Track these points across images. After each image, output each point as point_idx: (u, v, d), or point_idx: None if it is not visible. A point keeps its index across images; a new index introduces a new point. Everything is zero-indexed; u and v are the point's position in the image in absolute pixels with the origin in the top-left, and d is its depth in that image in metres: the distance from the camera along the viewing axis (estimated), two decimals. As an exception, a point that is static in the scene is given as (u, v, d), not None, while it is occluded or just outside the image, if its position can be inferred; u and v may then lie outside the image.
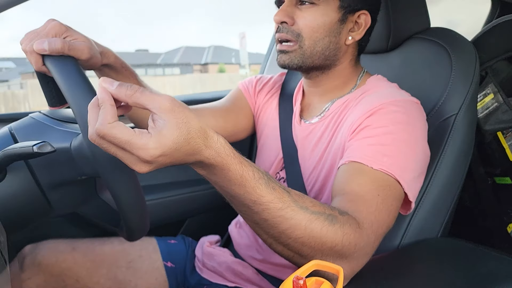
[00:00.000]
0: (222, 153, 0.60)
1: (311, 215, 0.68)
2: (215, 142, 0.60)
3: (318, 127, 1.06)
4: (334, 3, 0.98)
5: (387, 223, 0.81)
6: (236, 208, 0.70)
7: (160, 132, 0.54)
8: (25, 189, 0.78)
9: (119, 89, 0.56)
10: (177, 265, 1.25)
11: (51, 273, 1.10)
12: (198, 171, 0.64)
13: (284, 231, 0.68)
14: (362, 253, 0.75)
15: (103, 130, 0.53)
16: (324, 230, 0.68)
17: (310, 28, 0.98)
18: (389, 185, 0.82)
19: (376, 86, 1.03)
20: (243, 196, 0.64)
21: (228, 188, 0.64)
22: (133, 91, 0.55)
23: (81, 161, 0.77)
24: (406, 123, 0.90)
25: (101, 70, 0.96)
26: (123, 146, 0.54)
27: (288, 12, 0.99)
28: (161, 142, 0.54)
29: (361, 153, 0.86)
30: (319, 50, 1.00)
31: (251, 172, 0.64)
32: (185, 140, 0.56)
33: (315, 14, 0.98)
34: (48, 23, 0.81)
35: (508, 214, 1.48)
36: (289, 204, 0.67)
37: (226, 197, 0.69)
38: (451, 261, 0.89)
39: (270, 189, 0.65)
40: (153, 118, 0.56)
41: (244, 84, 1.31)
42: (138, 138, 0.53)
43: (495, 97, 1.37)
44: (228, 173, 0.62)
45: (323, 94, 1.10)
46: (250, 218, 0.69)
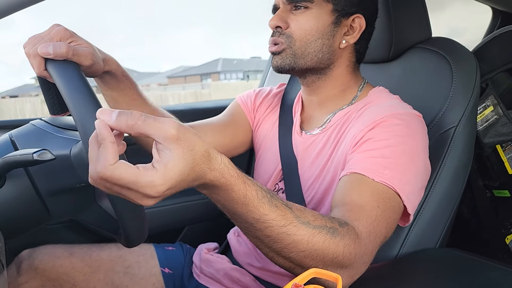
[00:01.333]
0: (226, 174, 0.60)
1: (313, 229, 0.68)
2: (218, 163, 0.59)
3: (319, 139, 1.06)
4: (327, 6, 0.99)
5: (385, 234, 0.82)
6: (238, 225, 0.70)
7: (166, 166, 0.52)
8: (24, 196, 0.77)
9: (119, 120, 0.51)
10: (175, 271, 1.25)
11: (48, 277, 1.10)
12: (201, 191, 0.63)
13: (287, 246, 0.68)
14: (361, 262, 0.76)
15: (106, 173, 0.50)
16: (326, 243, 0.68)
17: (302, 31, 1.00)
18: (389, 198, 0.83)
19: (378, 98, 1.03)
20: (246, 215, 0.64)
21: (231, 207, 0.64)
22: (135, 120, 0.52)
23: (80, 168, 0.77)
24: (407, 137, 0.90)
25: (102, 78, 0.95)
26: (128, 186, 0.51)
27: (283, 17, 1.01)
28: (167, 177, 0.52)
29: (363, 165, 0.86)
30: (311, 52, 1.01)
31: (254, 192, 0.63)
32: (190, 169, 0.54)
33: (308, 17, 0.99)
34: (53, 28, 0.80)
35: (506, 226, 1.48)
36: (292, 220, 0.66)
37: (228, 215, 0.68)
38: (450, 271, 0.89)
39: (273, 207, 0.65)
40: (158, 148, 0.53)
41: (242, 98, 1.31)
42: (144, 176, 0.51)
43: (495, 110, 1.37)
44: (231, 193, 0.61)
45: (322, 103, 1.10)
46: (252, 234, 0.69)
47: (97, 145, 0.53)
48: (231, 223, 1.23)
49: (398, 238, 1.00)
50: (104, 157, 0.50)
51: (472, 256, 0.93)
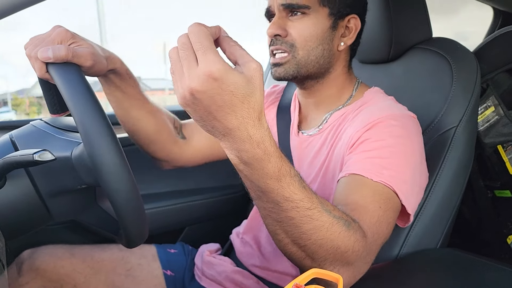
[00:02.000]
0: (267, 141, 0.59)
1: (333, 218, 0.68)
2: (264, 128, 0.59)
3: (317, 139, 1.06)
4: (323, 11, 0.98)
5: (386, 234, 0.82)
6: (262, 206, 0.69)
7: (231, 68, 0.55)
8: (24, 197, 0.77)
9: (224, 38, 0.60)
10: (177, 274, 1.24)
11: (49, 278, 1.10)
12: (233, 156, 0.62)
13: (307, 232, 0.67)
14: (364, 261, 0.76)
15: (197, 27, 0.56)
16: (342, 235, 0.69)
17: (303, 38, 0.98)
18: (389, 198, 0.83)
19: (374, 98, 1.03)
20: (276, 191, 0.63)
21: (262, 182, 0.62)
22: (235, 43, 0.59)
23: (81, 170, 0.77)
24: (404, 137, 0.90)
25: (105, 76, 0.95)
26: (198, 47, 0.55)
27: (281, 24, 0.99)
28: (225, 71, 0.54)
29: (361, 166, 0.86)
30: (313, 59, 1.00)
31: (288, 168, 0.63)
32: (242, 95, 0.55)
33: (307, 24, 0.98)
34: (54, 30, 0.80)
35: (508, 226, 1.48)
36: (317, 205, 0.66)
37: (255, 193, 0.67)
38: (451, 272, 0.89)
39: (302, 187, 0.65)
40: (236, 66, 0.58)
41: None
42: (214, 53, 0.54)
43: (496, 110, 1.37)
44: (267, 165, 0.60)
45: (318, 104, 1.10)
46: (275, 216, 0.68)
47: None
48: (232, 223, 1.23)
49: (399, 239, 1.00)
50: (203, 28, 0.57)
51: (473, 256, 0.93)
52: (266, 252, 1.12)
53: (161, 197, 1.55)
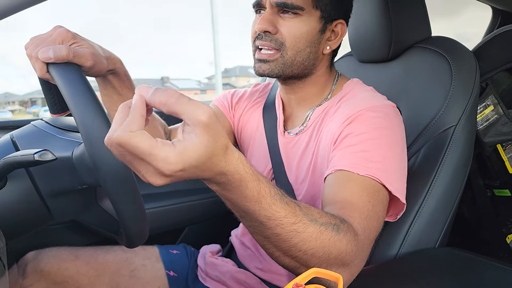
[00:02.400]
0: (241, 170, 0.58)
1: (320, 226, 0.68)
2: (235, 158, 0.57)
3: (302, 138, 1.06)
4: (316, 13, 0.98)
5: (377, 228, 0.82)
6: (247, 224, 0.69)
7: (186, 147, 0.50)
8: (25, 197, 0.78)
9: (154, 96, 0.50)
10: (180, 275, 1.25)
11: (53, 280, 1.10)
12: (211, 187, 0.61)
13: (295, 245, 0.67)
14: (360, 259, 0.76)
15: (123, 137, 0.48)
16: (332, 240, 0.68)
17: (293, 38, 0.98)
18: (377, 191, 0.83)
19: (353, 90, 1.03)
20: (258, 213, 0.62)
21: (242, 205, 0.62)
22: (168, 97, 0.50)
23: (82, 170, 0.77)
24: (386, 128, 0.90)
25: (104, 77, 0.94)
26: (142, 157, 0.49)
27: (271, 20, 0.98)
28: (183, 158, 0.50)
29: (346, 161, 0.86)
30: (300, 60, 1.00)
31: (267, 189, 0.62)
32: (208, 158, 0.52)
33: (299, 24, 0.97)
34: (55, 30, 0.80)
35: (507, 225, 1.48)
36: (301, 218, 0.66)
37: (237, 214, 0.66)
38: (450, 271, 0.89)
39: (284, 204, 0.64)
40: (184, 130, 0.52)
41: (219, 100, 1.30)
42: (160, 150, 0.49)
43: (495, 109, 1.37)
44: (245, 190, 0.59)
45: (300, 101, 1.10)
46: (261, 233, 0.68)
47: (126, 112, 0.52)
48: (231, 223, 1.24)
49: (398, 238, 1.00)
50: (128, 123, 0.49)
51: (473, 255, 0.93)
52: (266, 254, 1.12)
53: (162, 197, 1.55)
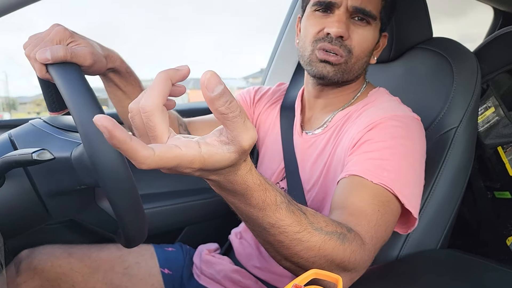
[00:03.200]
0: (249, 181, 0.56)
1: (325, 236, 0.67)
2: (246, 170, 0.54)
3: (320, 139, 1.05)
4: (379, 24, 1.00)
5: (384, 237, 0.82)
6: (250, 228, 0.68)
7: (212, 156, 0.47)
8: (23, 196, 0.77)
9: (218, 99, 0.44)
10: (174, 272, 1.24)
11: (47, 277, 1.10)
12: (215, 189, 0.59)
13: (298, 253, 0.66)
14: (363, 266, 0.76)
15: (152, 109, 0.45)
16: (336, 250, 0.68)
17: (360, 47, 0.97)
18: (388, 201, 0.82)
19: (378, 99, 1.03)
20: (261, 219, 0.61)
21: (246, 211, 0.61)
22: (228, 111, 0.45)
23: (81, 171, 0.77)
24: (405, 138, 0.90)
25: (105, 75, 0.94)
26: (153, 135, 0.47)
27: (347, 25, 0.96)
28: (205, 162, 0.47)
29: (362, 167, 0.85)
30: (356, 69, 1.00)
31: (273, 197, 0.60)
32: (224, 168, 0.50)
33: (368, 33, 0.97)
34: (53, 28, 0.79)
35: (507, 228, 1.48)
36: (306, 227, 0.65)
37: (240, 217, 0.66)
38: (450, 273, 0.89)
39: (289, 212, 0.62)
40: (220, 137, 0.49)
41: (242, 94, 1.30)
42: (186, 157, 0.46)
43: (496, 111, 1.37)
44: (249, 199, 0.58)
45: (326, 106, 1.09)
46: (264, 238, 0.67)
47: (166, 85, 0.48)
48: (231, 223, 1.23)
49: (399, 239, 1.00)
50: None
51: (473, 257, 0.93)
52: (265, 253, 1.11)
53: (161, 197, 1.55)
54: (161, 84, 0.47)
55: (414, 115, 0.97)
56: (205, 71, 0.45)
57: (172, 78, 0.49)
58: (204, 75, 0.44)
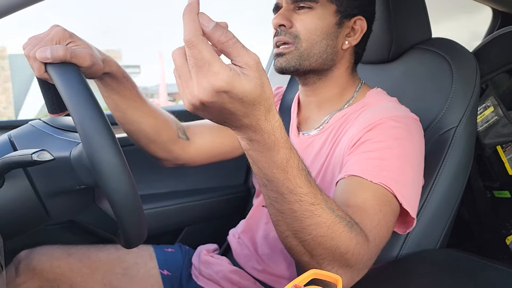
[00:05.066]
0: (278, 133, 0.59)
1: (336, 217, 0.68)
2: (275, 120, 0.59)
3: (317, 140, 1.05)
4: (331, 7, 1.00)
5: (386, 237, 0.82)
6: (266, 194, 0.69)
7: (238, 76, 0.52)
8: (22, 197, 0.77)
9: (215, 30, 0.52)
10: (173, 273, 1.24)
11: (46, 278, 1.10)
12: (244, 143, 0.62)
13: (307, 227, 0.67)
14: (365, 265, 0.76)
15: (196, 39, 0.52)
16: (343, 235, 0.69)
17: (307, 30, 0.99)
18: (389, 201, 0.83)
19: (376, 100, 1.03)
20: (281, 182, 0.63)
21: (268, 170, 0.63)
22: (227, 38, 0.53)
23: (80, 170, 0.76)
24: (405, 139, 0.90)
25: (102, 79, 0.95)
26: (201, 63, 0.52)
27: (286, 15, 1.00)
28: (233, 82, 0.52)
29: (361, 167, 0.86)
30: (316, 53, 1.00)
31: (297, 161, 0.63)
32: (253, 99, 0.54)
33: (313, 17, 0.99)
34: (52, 29, 0.80)
35: (507, 227, 1.48)
36: (320, 201, 0.66)
37: (261, 181, 0.67)
38: (450, 272, 0.89)
39: (308, 182, 0.65)
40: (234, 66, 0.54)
41: None
42: (218, 63, 0.52)
43: (495, 110, 1.37)
44: (276, 155, 0.60)
45: (320, 104, 1.09)
46: (278, 206, 0.68)
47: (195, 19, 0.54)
48: (230, 224, 1.23)
49: (398, 239, 1.00)
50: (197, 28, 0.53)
51: (472, 257, 0.93)
52: (263, 254, 1.12)
53: (160, 198, 1.55)
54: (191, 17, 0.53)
55: (413, 115, 0.97)
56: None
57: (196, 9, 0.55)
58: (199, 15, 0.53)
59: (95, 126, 0.66)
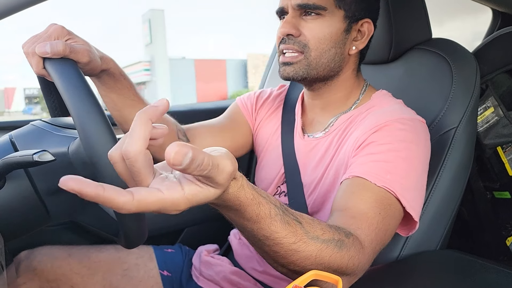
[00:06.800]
0: (241, 196, 0.56)
1: (322, 244, 0.66)
2: (237, 186, 0.55)
3: (322, 142, 1.05)
4: (339, 13, 0.97)
5: (384, 241, 0.82)
6: (245, 237, 0.68)
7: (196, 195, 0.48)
8: (24, 197, 0.77)
9: (188, 167, 0.44)
10: (174, 274, 1.24)
11: (46, 278, 1.10)
12: (210, 204, 0.59)
13: (294, 262, 0.66)
14: (362, 270, 0.76)
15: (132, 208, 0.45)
16: (333, 257, 0.67)
17: (316, 39, 0.97)
18: (390, 204, 0.82)
19: (382, 102, 1.02)
20: (256, 231, 0.61)
21: (240, 223, 0.61)
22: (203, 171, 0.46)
23: (78, 165, 0.77)
24: (410, 142, 0.89)
25: (100, 77, 0.95)
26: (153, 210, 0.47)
27: (294, 23, 0.98)
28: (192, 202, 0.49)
29: (365, 169, 0.85)
30: (325, 62, 0.99)
31: (267, 210, 0.60)
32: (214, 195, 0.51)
33: (322, 25, 0.97)
34: (50, 27, 0.81)
35: (507, 228, 1.48)
36: (302, 237, 0.64)
37: (236, 228, 0.65)
38: (450, 273, 0.89)
39: (284, 224, 0.62)
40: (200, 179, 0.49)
41: (242, 100, 1.28)
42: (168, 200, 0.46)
43: (495, 111, 1.37)
44: (243, 213, 0.58)
45: (325, 107, 1.09)
46: (260, 248, 0.67)
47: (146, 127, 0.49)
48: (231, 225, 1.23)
49: (399, 241, 1.00)
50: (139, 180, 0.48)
51: (473, 258, 0.93)
52: None
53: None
54: (142, 127, 0.49)
55: (419, 118, 0.96)
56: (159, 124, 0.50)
57: (152, 117, 0.50)
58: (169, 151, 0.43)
59: (93, 119, 0.67)
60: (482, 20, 1.94)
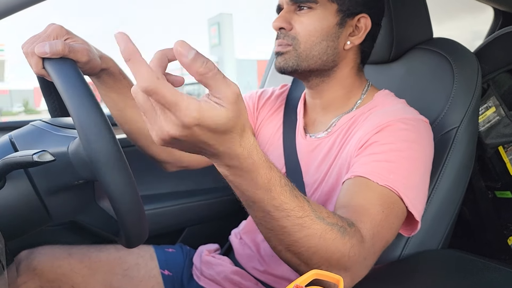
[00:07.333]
0: (254, 155, 0.58)
1: (327, 225, 0.67)
2: (250, 143, 0.57)
3: (325, 143, 1.05)
4: (332, 7, 0.98)
5: (387, 238, 0.82)
6: (253, 214, 0.68)
7: (209, 108, 0.50)
8: (24, 197, 0.77)
9: (194, 61, 0.48)
10: (174, 274, 1.24)
11: (47, 278, 1.09)
12: (222, 170, 0.61)
13: (299, 240, 0.67)
14: (363, 265, 0.76)
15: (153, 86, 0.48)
16: (336, 242, 0.68)
17: (306, 32, 0.98)
18: (393, 203, 0.82)
19: (385, 102, 1.02)
20: (266, 201, 0.62)
21: (251, 192, 0.62)
22: (207, 70, 0.49)
23: (78, 164, 0.77)
24: (413, 142, 0.89)
25: (99, 77, 0.95)
26: (167, 106, 0.49)
27: (286, 18, 1.00)
28: (204, 114, 0.50)
29: (368, 168, 0.85)
30: (316, 54, 0.99)
31: (278, 178, 0.62)
32: (225, 129, 0.52)
33: (312, 18, 0.98)
34: (49, 27, 0.81)
35: (508, 227, 1.48)
36: (309, 213, 0.66)
37: (246, 202, 0.66)
38: (452, 273, 0.89)
39: (293, 196, 0.64)
40: (211, 98, 0.52)
41: (244, 99, 1.29)
42: (184, 100, 0.49)
43: (497, 111, 1.37)
44: (256, 177, 0.59)
45: (326, 107, 1.09)
46: (267, 224, 0.67)
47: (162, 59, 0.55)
48: (231, 224, 1.23)
49: (401, 240, 1.00)
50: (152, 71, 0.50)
51: (474, 257, 0.92)
52: (265, 255, 1.11)
53: (161, 198, 1.55)
54: (156, 59, 0.54)
55: (422, 118, 0.96)
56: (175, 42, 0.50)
57: (168, 54, 0.54)
58: (176, 45, 0.49)
59: (92, 118, 0.67)
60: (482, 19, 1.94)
